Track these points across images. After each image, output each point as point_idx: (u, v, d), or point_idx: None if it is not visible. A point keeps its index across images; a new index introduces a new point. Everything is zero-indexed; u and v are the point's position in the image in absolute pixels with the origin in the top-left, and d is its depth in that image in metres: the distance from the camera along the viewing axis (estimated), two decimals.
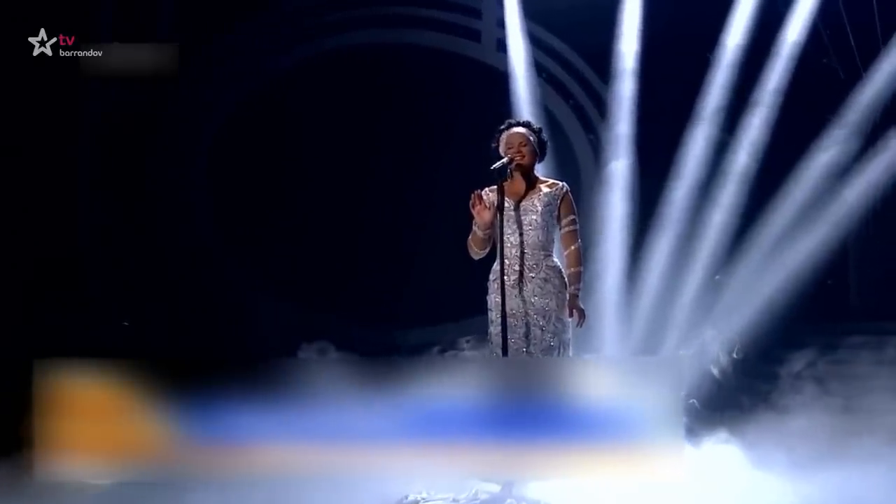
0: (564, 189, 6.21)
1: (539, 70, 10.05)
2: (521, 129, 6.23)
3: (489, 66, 10.27)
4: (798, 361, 8.40)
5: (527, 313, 6.06)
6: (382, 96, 10.10)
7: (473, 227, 6.15)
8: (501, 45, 10.25)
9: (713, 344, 8.89)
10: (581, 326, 6.07)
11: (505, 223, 6.05)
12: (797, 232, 9.17)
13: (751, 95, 9.48)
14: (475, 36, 10.35)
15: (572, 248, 6.14)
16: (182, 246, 10.10)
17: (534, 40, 10.06)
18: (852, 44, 9.26)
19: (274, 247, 10.11)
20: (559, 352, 6.09)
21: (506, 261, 6.07)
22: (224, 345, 9.50)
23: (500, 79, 10.16)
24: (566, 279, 6.15)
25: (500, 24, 10.24)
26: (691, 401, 7.94)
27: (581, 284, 6.11)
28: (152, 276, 9.95)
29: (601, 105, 9.98)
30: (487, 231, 6.11)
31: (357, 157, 10.12)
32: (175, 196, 10.16)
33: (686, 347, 8.79)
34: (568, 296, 6.07)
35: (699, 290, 9.22)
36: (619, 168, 9.57)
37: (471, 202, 6.06)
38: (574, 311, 6.04)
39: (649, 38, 9.62)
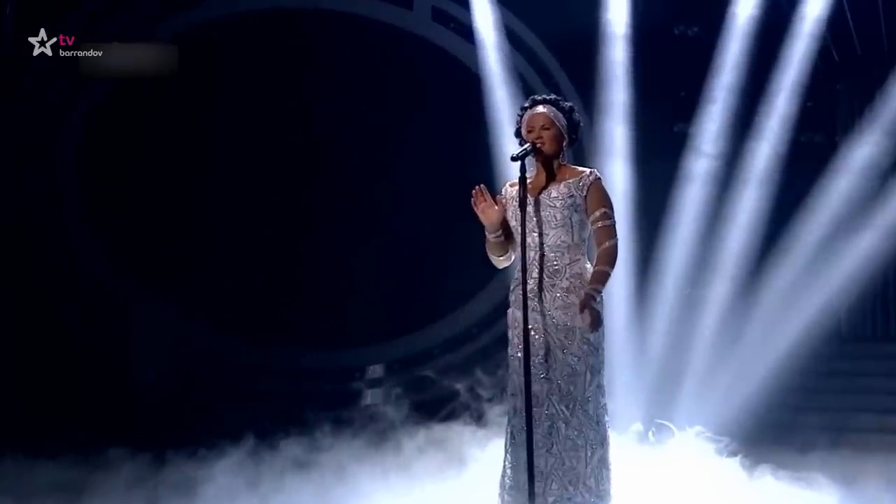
0: (592, 177, 5.37)
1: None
2: (543, 110, 5.42)
3: (422, 38, 9.58)
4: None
5: (546, 331, 5.25)
6: (293, 73, 9.22)
7: (485, 231, 5.49)
8: (438, 15, 9.55)
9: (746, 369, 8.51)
10: (593, 330, 5.24)
11: (525, 222, 5.31)
12: (835, 242, 8.83)
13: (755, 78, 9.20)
14: (405, 2, 9.63)
15: (605, 245, 5.28)
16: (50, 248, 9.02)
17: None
18: (850, 24, 8.95)
19: (152, 246, 9.12)
20: (586, 380, 5.23)
21: (526, 266, 5.28)
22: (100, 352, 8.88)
23: (436, 54, 9.47)
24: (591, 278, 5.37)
25: None
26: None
27: (601, 287, 5.27)
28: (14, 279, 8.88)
29: (558, 89, 9.42)
30: (499, 234, 5.39)
31: (256, 139, 9.21)
32: (39, 190, 9.02)
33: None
34: (584, 293, 5.25)
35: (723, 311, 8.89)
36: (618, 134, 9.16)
37: (472, 200, 5.37)
38: (585, 310, 5.20)
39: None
